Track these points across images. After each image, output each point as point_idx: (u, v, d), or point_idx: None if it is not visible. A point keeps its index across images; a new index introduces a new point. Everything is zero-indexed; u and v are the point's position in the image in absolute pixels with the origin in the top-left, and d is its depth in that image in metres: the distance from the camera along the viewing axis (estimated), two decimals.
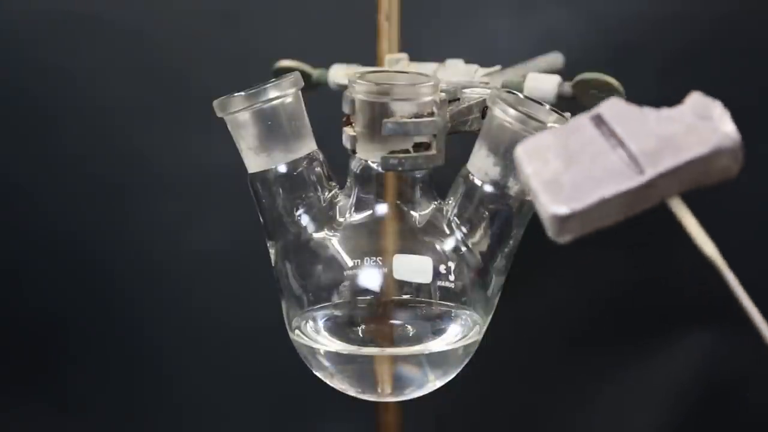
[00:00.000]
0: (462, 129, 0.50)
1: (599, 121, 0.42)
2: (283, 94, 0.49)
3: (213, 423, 0.98)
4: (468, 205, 0.49)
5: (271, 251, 0.52)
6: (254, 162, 0.51)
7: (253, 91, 0.49)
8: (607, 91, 0.59)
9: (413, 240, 0.50)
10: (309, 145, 0.51)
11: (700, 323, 0.91)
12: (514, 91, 0.48)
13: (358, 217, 0.51)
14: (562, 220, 0.39)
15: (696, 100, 0.46)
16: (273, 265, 0.52)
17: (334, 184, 0.52)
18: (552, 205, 0.39)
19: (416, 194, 0.51)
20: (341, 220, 0.51)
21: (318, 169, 0.51)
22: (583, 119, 0.42)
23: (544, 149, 0.41)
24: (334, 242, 0.51)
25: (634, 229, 0.58)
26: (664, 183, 0.43)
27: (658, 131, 0.42)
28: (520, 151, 0.41)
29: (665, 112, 0.43)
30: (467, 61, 0.65)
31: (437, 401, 0.65)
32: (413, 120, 0.47)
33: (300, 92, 0.50)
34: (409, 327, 0.51)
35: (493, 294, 0.51)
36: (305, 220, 0.51)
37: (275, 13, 0.90)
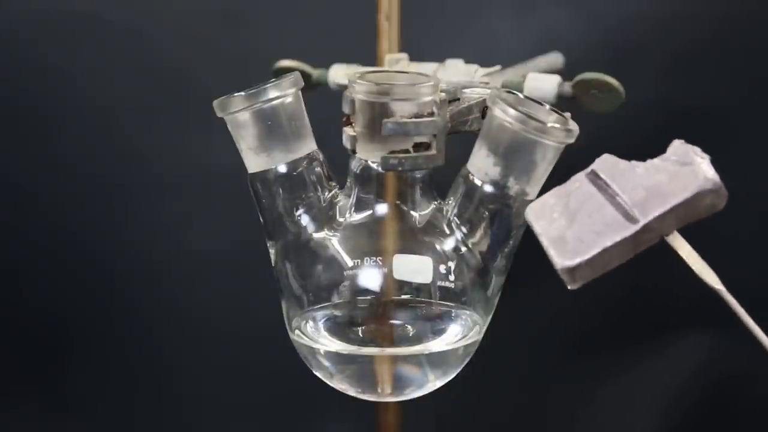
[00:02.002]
0: (462, 129, 0.50)
1: (594, 177, 0.46)
2: (283, 94, 0.49)
3: (213, 422, 0.98)
4: (468, 205, 0.49)
5: (271, 251, 0.52)
6: (254, 162, 0.51)
7: (253, 91, 0.49)
8: (607, 91, 0.59)
9: (413, 240, 0.50)
10: (309, 145, 0.51)
11: (698, 324, 0.91)
12: (514, 91, 0.48)
13: (358, 217, 0.51)
14: (571, 271, 0.43)
15: (677, 147, 0.48)
16: (273, 265, 0.52)
17: (334, 184, 0.52)
18: (560, 259, 0.42)
19: (416, 194, 0.51)
20: (341, 220, 0.51)
21: (318, 169, 0.51)
22: (581, 176, 0.46)
23: (549, 208, 0.45)
24: (334, 242, 0.51)
25: None
26: (657, 226, 0.46)
27: (645, 182, 0.46)
28: (529, 211, 0.44)
29: (651, 162, 0.47)
30: (467, 61, 0.65)
31: (437, 401, 0.65)
32: (413, 120, 0.47)
33: (300, 92, 0.50)
34: (409, 327, 0.51)
35: (493, 294, 0.51)
36: (305, 220, 0.51)
37: (275, 13, 0.90)
